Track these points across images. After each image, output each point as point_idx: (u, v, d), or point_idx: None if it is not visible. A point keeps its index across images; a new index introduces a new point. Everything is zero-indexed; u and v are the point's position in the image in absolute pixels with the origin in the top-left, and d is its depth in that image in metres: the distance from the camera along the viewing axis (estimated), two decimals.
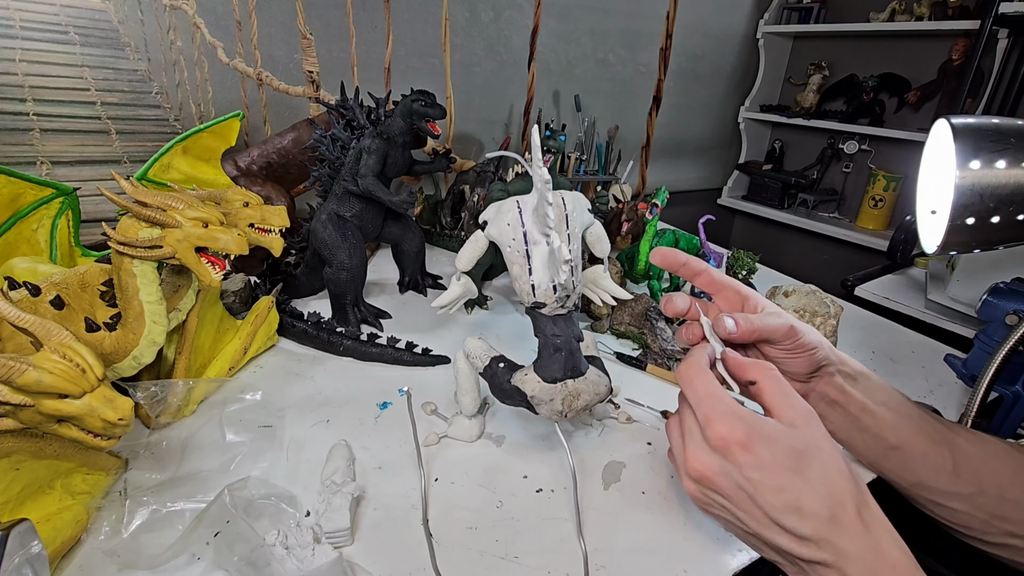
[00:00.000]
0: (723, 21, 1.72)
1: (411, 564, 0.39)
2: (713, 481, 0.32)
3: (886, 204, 1.69)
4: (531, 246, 0.40)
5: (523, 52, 1.25)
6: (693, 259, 0.40)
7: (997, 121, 0.46)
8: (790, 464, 0.30)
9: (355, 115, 0.70)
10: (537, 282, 0.40)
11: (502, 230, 0.41)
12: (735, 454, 0.30)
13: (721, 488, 0.31)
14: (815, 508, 0.29)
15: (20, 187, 0.56)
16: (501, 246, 0.42)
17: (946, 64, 1.56)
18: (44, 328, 0.34)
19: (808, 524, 0.29)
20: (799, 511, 0.29)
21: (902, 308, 1.03)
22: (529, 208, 0.40)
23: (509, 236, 0.41)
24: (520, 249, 0.41)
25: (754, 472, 0.30)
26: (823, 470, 0.30)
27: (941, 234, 0.48)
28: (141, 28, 0.87)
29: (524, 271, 0.41)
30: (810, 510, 0.29)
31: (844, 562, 0.29)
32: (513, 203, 0.42)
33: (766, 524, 0.30)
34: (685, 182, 1.90)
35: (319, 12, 1.00)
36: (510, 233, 0.41)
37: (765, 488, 0.30)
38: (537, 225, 0.40)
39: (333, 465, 0.46)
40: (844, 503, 0.30)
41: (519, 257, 0.41)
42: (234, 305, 0.70)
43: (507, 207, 0.42)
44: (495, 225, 0.42)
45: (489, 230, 0.43)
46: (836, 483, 0.30)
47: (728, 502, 0.32)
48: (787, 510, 0.29)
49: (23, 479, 0.37)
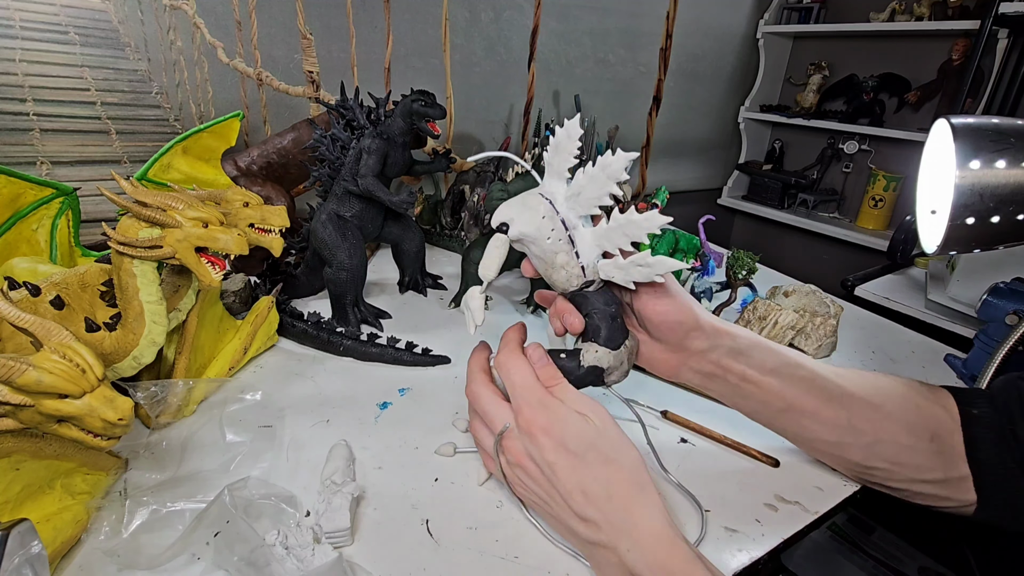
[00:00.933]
0: (723, 21, 1.72)
1: (411, 564, 0.39)
2: (524, 465, 0.35)
3: (886, 204, 1.69)
4: (572, 231, 0.41)
5: (523, 52, 1.25)
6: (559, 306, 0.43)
7: (997, 121, 0.46)
8: (580, 449, 0.33)
9: (355, 115, 0.70)
10: (587, 263, 0.41)
11: (539, 225, 0.40)
12: (538, 437, 0.34)
13: (530, 471, 0.35)
14: (595, 491, 0.33)
15: (20, 187, 0.56)
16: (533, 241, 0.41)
17: (946, 64, 1.56)
18: (44, 328, 0.34)
19: (591, 506, 0.32)
20: (585, 493, 0.33)
21: (902, 308, 1.03)
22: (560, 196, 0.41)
23: (548, 228, 0.40)
24: (562, 237, 0.41)
25: (552, 454, 0.33)
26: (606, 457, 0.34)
27: (941, 234, 0.48)
28: (141, 28, 0.87)
29: (571, 256, 0.41)
30: (592, 492, 0.33)
31: (615, 543, 0.32)
32: (538, 196, 0.41)
33: (562, 506, 0.34)
34: (685, 182, 1.90)
35: (319, 12, 1.00)
36: (548, 225, 0.40)
37: (560, 469, 0.33)
38: (576, 209, 0.40)
39: (333, 465, 0.46)
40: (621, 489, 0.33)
41: (563, 245, 0.41)
42: (234, 305, 0.70)
43: (533, 201, 0.41)
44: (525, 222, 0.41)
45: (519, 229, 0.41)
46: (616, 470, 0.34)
47: (536, 485, 0.35)
48: (576, 491, 0.33)
49: (23, 479, 0.37)
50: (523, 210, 0.41)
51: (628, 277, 0.39)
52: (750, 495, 0.48)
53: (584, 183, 0.39)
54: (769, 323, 0.68)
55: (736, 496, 0.48)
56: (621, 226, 0.38)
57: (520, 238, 0.41)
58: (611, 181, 0.37)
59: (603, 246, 0.40)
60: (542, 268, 0.43)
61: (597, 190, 0.38)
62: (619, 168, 0.37)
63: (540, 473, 0.35)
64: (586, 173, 0.39)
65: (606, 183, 0.38)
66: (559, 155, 0.40)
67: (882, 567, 0.80)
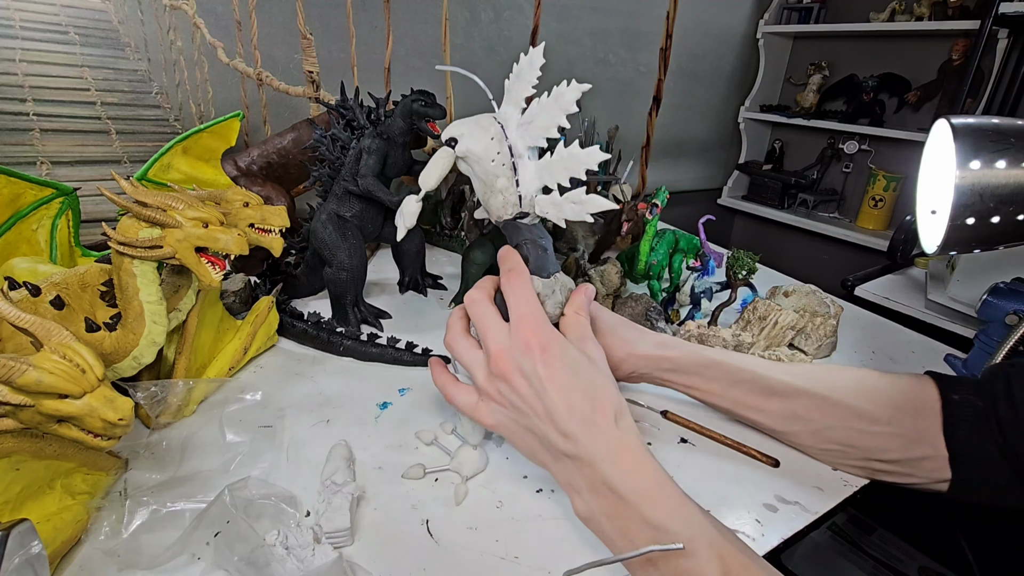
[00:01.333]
0: (723, 21, 1.72)
1: (411, 564, 0.39)
2: (512, 378, 0.36)
3: (886, 204, 1.69)
4: (518, 159, 0.41)
5: (523, 52, 1.25)
6: None
7: (997, 121, 0.46)
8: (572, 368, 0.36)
9: (355, 115, 0.70)
10: (525, 192, 0.41)
11: (486, 145, 0.41)
12: (534, 350, 0.36)
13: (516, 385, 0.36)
14: (582, 408, 0.35)
15: (20, 187, 0.56)
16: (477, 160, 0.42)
17: (946, 64, 1.56)
18: (44, 328, 0.34)
19: (573, 421, 0.35)
20: (569, 408, 0.35)
21: (902, 308, 1.03)
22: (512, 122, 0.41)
23: (494, 150, 0.41)
24: (506, 162, 0.41)
25: (544, 369, 0.35)
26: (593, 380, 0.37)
27: (941, 234, 0.48)
28: (141, 28, 0.87)
29: (511, 183, 0.42)
30: (577, 408, 0.35)
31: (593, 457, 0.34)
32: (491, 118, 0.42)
33: (543, 417, 0.35)
34: (685, 182, 1.90)
35: (319, 12, 1.00)
36: (495, 148, 0.41)
37: (550, 384, 0.35)
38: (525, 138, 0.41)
39: (333, 465, 0.46)
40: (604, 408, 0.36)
41: (505, 170, 0.42)
42: (234, 305, 0.70)
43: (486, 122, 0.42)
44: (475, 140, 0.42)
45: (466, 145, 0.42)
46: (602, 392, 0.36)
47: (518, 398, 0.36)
48: (561, 406, 0.35)
49: (23, 479, 0.37)
50: (474, 128, 0.42)
51: (560, 214, 0.40)
52: (750, 495, 0.48)
53: (537, 112, 0.39)
54: (769, 323, 0.68)
55: (736, 496, 0.48)
56: (563, 159, 0.39)
57: (466, 155, 0.42)
58: (562, 112, 0.38)
59: (544, 179, 0.41)
60: (481, 191, 0.44)
61: (548, 120, 0.39)
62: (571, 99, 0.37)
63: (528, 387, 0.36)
64: (540, 103, 0.39)
65: (557, 113, 0.38)
66: (519, 82, 0.40)
67: (882, 567, 0.79)
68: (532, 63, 0.40)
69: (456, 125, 0.43)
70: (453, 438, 0.53)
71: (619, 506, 0.34)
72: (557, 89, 0.38)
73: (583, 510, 0.37)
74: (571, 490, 0.38)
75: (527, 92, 0.40)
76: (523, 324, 0.37)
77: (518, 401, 0.37)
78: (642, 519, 0.34)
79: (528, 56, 0.39)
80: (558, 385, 0.35)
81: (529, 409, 0.37)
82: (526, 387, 0.36)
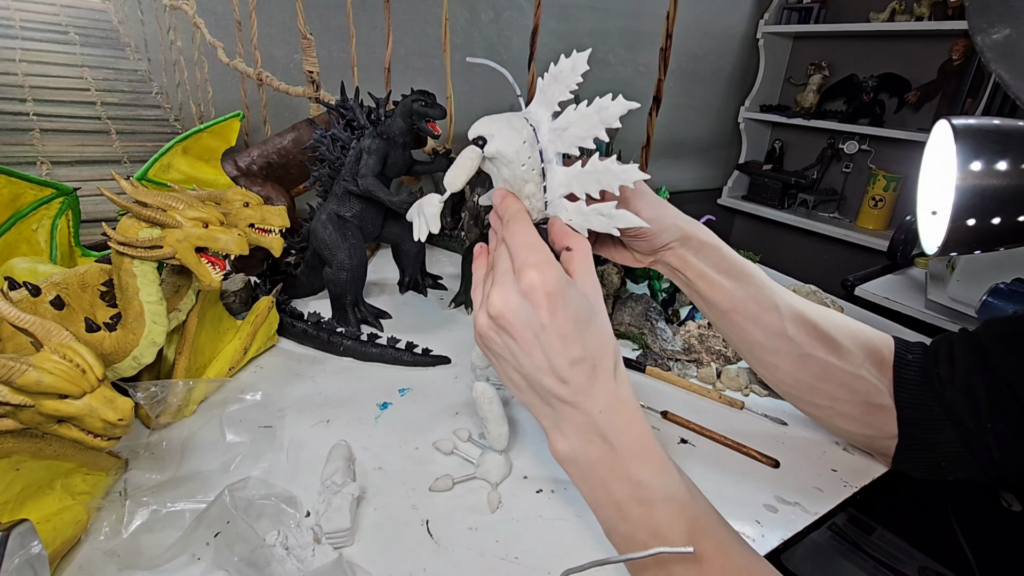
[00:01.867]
0: (723, 21, 1.72)
1: (411, 564, 0.39)
2: (508, 320, 0.35)
3: (886, 204, 1.69)
4: (547, 164, 0.40)
5: (523, 52, 1.25)
6: None
7: (998, 122, 0.46)
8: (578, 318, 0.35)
9: (355, 115, 0.70)
10: (551, 199, 0.41)
11: (518, 148, 0.39)
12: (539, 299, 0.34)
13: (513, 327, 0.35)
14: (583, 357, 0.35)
15: (20, 187, 0.56)
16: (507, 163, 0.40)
17: (946, 64, 1.56)
18: (44, 328, 0.34)
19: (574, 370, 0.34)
20: (571, 357, 0.34)
21: (902, 308, 1.03)
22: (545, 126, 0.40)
23: (525, 155, 0.40)
24: (536, 167, 0.40)
25: (548, 318, 0.34)
26: (598, 331, 0.36)
27: (942, 235, 0.48)
28: (141, 28, 0.87)
29: (539, 189, 0.41)
30: (579, 358, 0.34)
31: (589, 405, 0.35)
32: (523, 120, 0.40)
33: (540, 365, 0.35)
34: (685, 182, 1.90)
35: (319, 12, 1.00)
36: (526, 152, 0.40)
37: (553, 333, 0.34)
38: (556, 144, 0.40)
39: (333, 465, 0.46)
40: (605, 360, 0.36)
41: (534, 176, 0.40)
42: (234, 305, 0.70)
43: (519, 123, 0.40)
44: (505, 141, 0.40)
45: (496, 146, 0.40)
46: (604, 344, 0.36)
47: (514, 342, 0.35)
48: (562, 354, 0.34)
49: (23, 479, 0.37)
50: (506, 129, 0.40)
51: (586, 223, 0.39)
52: (750, 495, 0.48)
53: (574, 119, 0.38)
54: None
55: (736, 496, 0.48)
56: (597, 172, 0.38)
57: (495, 156, 0.40)
58: (602, 125, 0.37)
59: (572, 187, 0.40)
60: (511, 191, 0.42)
61: (585, 130, 0.38)
62: (615, 114, 0.36)
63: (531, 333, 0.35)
64: (578, 110, 0.38)
65: (597, 125, 0.37)
66: (556, 85, 0.39)
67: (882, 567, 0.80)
68: (575, 67, 0.38)
69: (485, 123, 0.40)
70: (471, 445, 0.52)
71: (607, 456, 0.35)
72: (601, 101, 0.36)
73: (566, 451, 0.36)
74: (555, 431, 0.37)
75: (563, 96, 0.39)
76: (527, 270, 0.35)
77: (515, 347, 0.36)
78: (625, 473, 0.35)
79: (571, 59, 0.38)
80: (561, 333, 0.34)
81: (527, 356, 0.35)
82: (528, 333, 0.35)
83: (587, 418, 0.35)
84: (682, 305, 0.82)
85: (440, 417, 0.56)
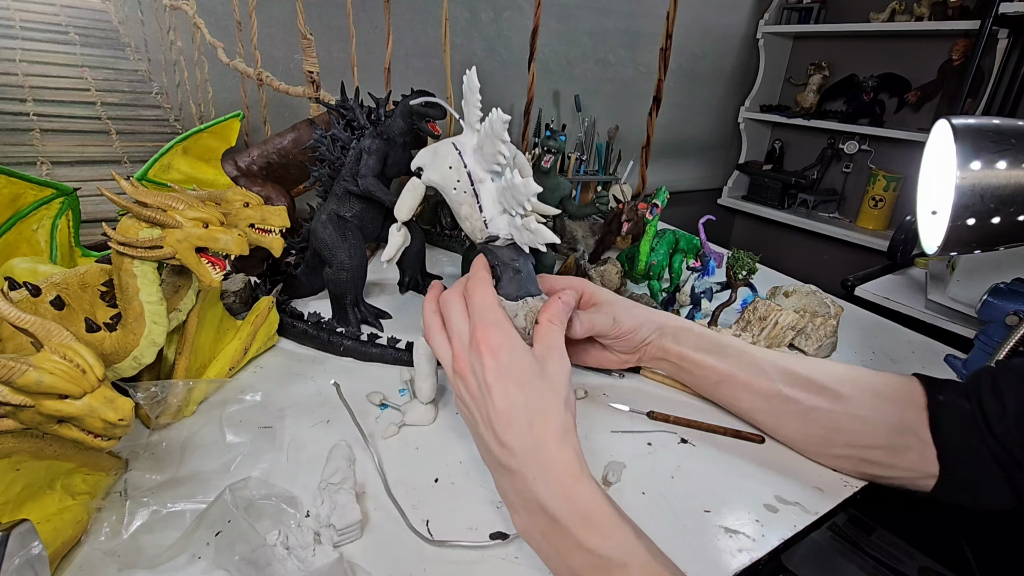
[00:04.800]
0: (723, 21, 1.72)
1: (411, 564, 0.39)
2: (466, 379, 0.37)
3: (886, 204, 1.69)
4: (477, 184, 0.41)
5: (523, 52, 1.25)
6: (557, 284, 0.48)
7: (998, 122, 0.46)
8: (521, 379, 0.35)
9: (355, 115, 0.70)
10: (489, 217, 0.41)
11: (444, 174, 0.41)
12: (484, 355, 0.36)
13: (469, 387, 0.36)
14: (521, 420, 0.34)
15: (20, 187, 0.56)
16: (443, 189, 0.42)
17: (946, 64, 1.56)
18: (44, 328, 0.34)
19: (510, 432, 0.34)
20: (509, 419, 0.34)
21: (902, 308, 1.03)
22: (469, 148, 0.41)
23: (453, 178, 0.41)
24: (467, 189, 0.41)
25: (491, 375, 0.35)
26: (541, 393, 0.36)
27: (942, 234, 0.48)
28: (141, 28, 0.87)
29: (475, 209, 0.42)
30: (516, 420, 0.34)
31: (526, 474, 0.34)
32: (450, 145, 0.42)
33: (486, 424, 0.35)
34: (685, 182, 1.90)
35: (319, 12, 1.00)
36: (454, 176, 0.41)
37: (495, 391, 0.35)
38: (481, 164, 0.40)
39: (333, 465, 0.46)
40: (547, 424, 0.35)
41: (467, 197, 0.42)
42: (234, 305, 0.70)
43: (444, 150, 0.42)
44: (434, 169, 0.42)
45: (428, 175, 0.42)
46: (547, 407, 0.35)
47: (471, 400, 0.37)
48: (501, 415, 0.34)
49: (23, 479, 0.37)
50: (433, 158, 0.42)
51: (519, 237, 0.40)
52: (750, 495, 0.48)
53: (483, 139, 0.39)
54: (769, 323, 0.68)
55: (736, 496, 0.48)
56: (508, 188, 0.39)
57: (430, 184, 0.43)
58: (499, 140, 0.38)
59: (502, 204, 0.41)
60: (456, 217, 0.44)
61: (491, 146, 0.38)
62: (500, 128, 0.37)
63: (477, 389, 0.37)
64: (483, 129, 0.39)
65: (496, 141, 0.38)
66: (466, 106, 0.40)
67: (882, 567, 0.80)
68: (471, 87, 0.39)
69: (420, 155, 0.43)
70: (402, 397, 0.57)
71: (552, 527, 0.34)
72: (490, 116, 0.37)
73: (519, 525, 0.37)
74: (508, 503, 0.37)
75: (476, 115, 0.40)
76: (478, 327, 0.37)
77: (469, 401, 0.38)
78: (575, 542, 0.33)
79: (466, 80, 0.39)
80: (501, 393, 0.35)
81: (477, 411, 0.37)
82: (476, 389, 0.37)
83: (525, 485, 0.34)
84: (681, 306, 0.82)
85: (440, 417, 0.56)
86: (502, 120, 0.37)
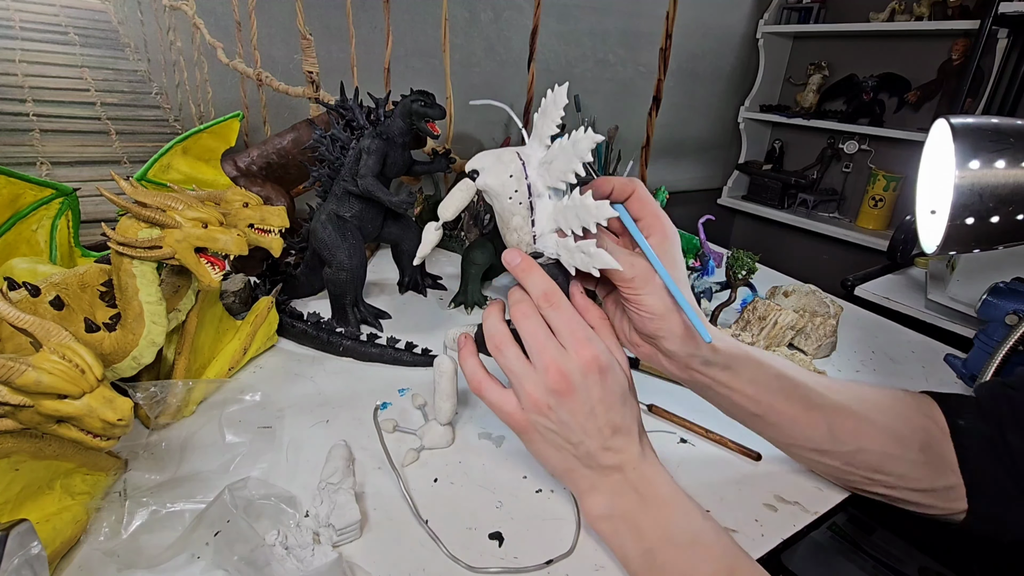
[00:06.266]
0: (723, 21, 1.72)
1: (411, 564, 0.39)
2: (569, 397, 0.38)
3: (886, 204, 1.69)
4: (535, 198, 0.41)
5: (523, 52, 1.25)
6: None
7: (996, 121, 0.46)
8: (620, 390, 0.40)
9: (355, 115, 0.70)
10: (540, 232, 0.41)
11: (504, 181, 0.41)
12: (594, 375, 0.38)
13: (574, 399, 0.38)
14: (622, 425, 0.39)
15: (20, 187, 0.56)
16: (497, 196, 0.41)
17: (946, 64, 1.56)
18: (43, 329, 0.34)
19: (616, 438, 0.39)
20: (617, 427, 0.39)
21: (902, 308, 1.03)
22: (534, 161, 0.41)
23: (511, 188, 0.41)
24: (523, 201, 0.41)
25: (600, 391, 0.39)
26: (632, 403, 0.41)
27: (941, 234, 0.48)
28: (141, 29, 0.87)
29: (527, 223, 0.41)
30: (619, 427, 0.39)
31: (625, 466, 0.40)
32: (514, 154, 0.41)
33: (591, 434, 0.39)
34: (685, 182, 1.90)
35: (319, 12, 1.00)
36: (512, 185, 0.41)
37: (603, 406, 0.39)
38: (544, 178, 0.40)
39: (333, 465, 0.46)
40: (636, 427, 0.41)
41: (522, 209, 0.41)
42: (234, 305, 0.70)
43: (507, 157, 0.41)
44: (493, 175, 0.41)
45: (485, 180, 0.41)
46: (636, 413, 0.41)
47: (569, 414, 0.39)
48: (609, 425, 0.39)
49: (22, 479, 0.37)
50: (495, 163, 0.41)
51: (571, 261, 0.39)
52: (750, 495, 0.48)
53: (556, 153, 0.39)
54: (769, 323, 0.68)
55: (736, 496, 0.48)
56: (575, 207, 0.38)
57: (485, 189, 0.42)
58: (577, 158, 0.37)
59: (559, 222, 0.40)
60: (500, 225, 0.43)
61: (565, 164, 0.38)
62: (586, 147, 0.37)
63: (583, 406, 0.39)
64: (560, 144, 0.38)
65: (573, 159, 0.37)
66: (544, 119, 0.40)
67: (882, 567, 0.79)
68: (556, 101, 0.39)
69: (480, 157, 0.42)
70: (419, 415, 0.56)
71: (638, 506, 0.39)
72: (575, 134, 0.37)
73: (601, 508, 0.40)
74: (592, 492, 0.40)
75: (551, 130, 0.39)
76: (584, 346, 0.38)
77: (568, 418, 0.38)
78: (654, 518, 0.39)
79: (552, 94, 0.39)
80: (608, 405, 0.39)
81: (578, 427, 0.38)
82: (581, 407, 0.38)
83: (622, 476, 0.40)
84: None
85: None
86: (592, 140, 0.36)
